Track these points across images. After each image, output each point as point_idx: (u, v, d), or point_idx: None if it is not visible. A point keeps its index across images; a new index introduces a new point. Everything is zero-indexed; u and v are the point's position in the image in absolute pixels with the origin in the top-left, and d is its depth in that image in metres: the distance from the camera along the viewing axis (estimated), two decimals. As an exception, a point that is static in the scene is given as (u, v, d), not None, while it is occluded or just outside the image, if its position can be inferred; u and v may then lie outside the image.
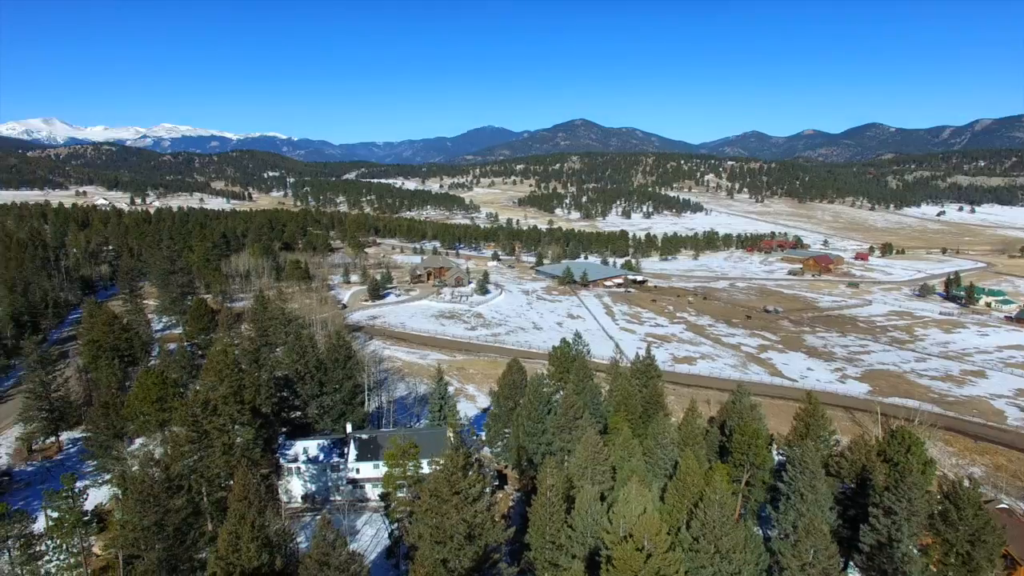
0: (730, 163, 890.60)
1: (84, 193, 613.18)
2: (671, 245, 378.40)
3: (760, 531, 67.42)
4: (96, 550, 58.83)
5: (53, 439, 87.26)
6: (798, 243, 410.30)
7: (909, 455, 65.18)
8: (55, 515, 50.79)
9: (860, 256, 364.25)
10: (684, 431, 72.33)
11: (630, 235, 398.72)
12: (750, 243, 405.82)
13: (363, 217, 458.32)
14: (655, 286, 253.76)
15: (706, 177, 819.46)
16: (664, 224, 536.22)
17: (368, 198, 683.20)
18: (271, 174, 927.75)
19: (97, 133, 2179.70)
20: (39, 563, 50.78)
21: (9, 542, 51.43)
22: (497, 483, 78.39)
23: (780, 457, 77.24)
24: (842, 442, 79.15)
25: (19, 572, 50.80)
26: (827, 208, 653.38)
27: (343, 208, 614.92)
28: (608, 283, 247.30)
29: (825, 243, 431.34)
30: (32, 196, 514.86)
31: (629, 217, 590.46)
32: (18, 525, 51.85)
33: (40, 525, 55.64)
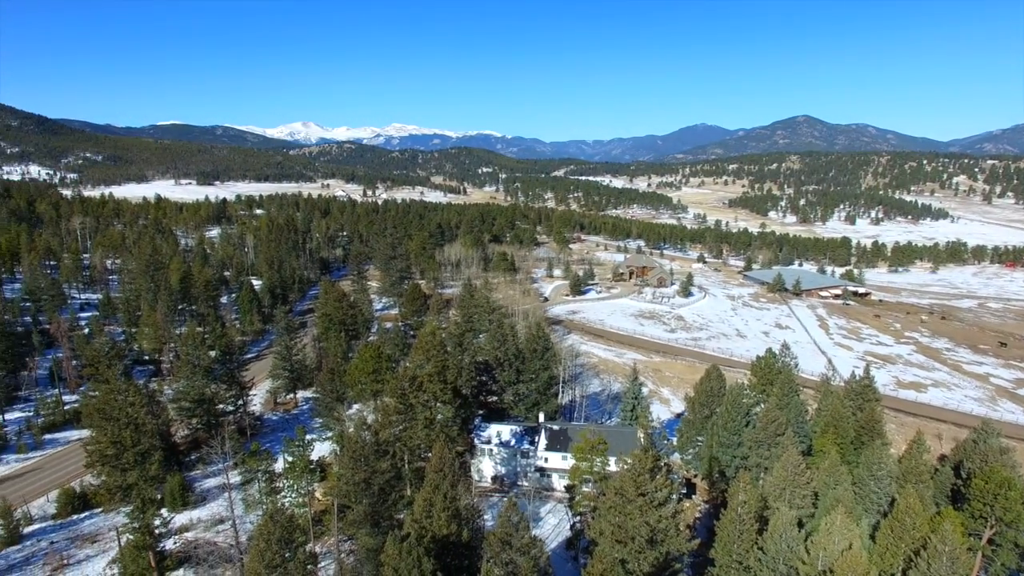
0: (990, 162, 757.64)
1: (327, 186, 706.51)
2: (903, 255, 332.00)
3: (1005, 601, 56.59)
4: (318, 495, 67.51)
5: (292, 395, 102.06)
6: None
7: None
8: (290, 459, 59.59)
9: None
10: (906, 465, 62.85)
11: (853, 242, 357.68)
12: (1011, 257, 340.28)
13: (569, 213, 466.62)
14: (880, 300, 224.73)
15: (955, 179, 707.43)
16: (896, 231, 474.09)
17: (575, 195, 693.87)
18: (484, 170, 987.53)
19: (341, 133, 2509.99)
20: (277, 496, 59.91)
21: (259, 474, 62.05)
22: (685, 491, 75.10)
23: (1041, 517, 63.81)
24: None
25: (264, 500, 60.71)
26: None
27: (550, 204, 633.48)
28: (824, 293, 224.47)
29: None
30: (289, 188, 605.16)
31: (853, 223, 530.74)
32: (265, 462, 62.73)
33: (279, 466, 65.13)
